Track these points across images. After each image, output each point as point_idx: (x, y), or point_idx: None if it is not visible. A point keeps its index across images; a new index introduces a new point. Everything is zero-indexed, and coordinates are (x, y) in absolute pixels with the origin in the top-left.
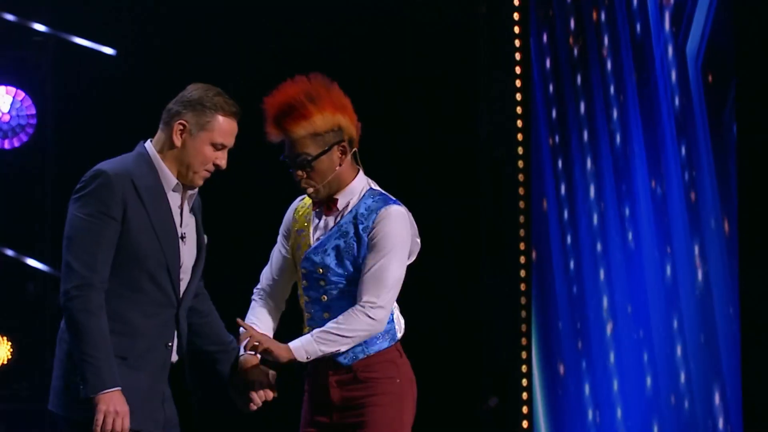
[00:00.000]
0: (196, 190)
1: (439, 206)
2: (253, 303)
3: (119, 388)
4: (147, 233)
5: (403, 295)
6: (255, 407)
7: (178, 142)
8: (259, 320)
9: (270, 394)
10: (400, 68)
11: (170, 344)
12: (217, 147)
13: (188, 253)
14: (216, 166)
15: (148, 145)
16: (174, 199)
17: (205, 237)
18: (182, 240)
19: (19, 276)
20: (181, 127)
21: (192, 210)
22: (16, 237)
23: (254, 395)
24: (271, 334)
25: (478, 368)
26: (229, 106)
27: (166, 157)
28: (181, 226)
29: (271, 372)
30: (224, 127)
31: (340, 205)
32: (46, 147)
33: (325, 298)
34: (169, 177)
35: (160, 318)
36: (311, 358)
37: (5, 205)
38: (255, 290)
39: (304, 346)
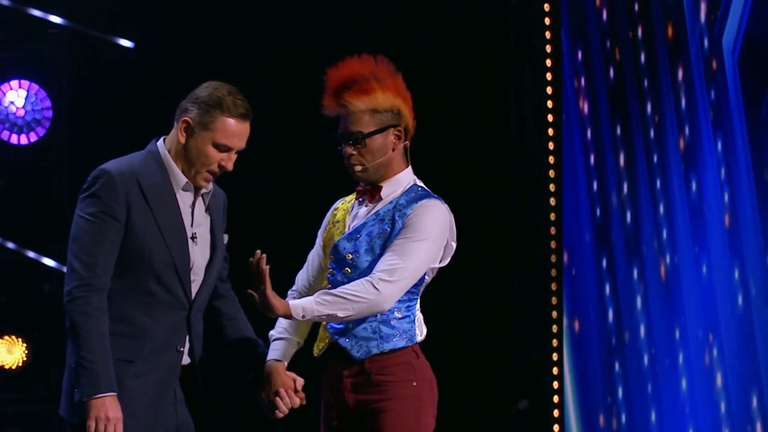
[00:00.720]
0: (211, 189)
1: (468, 203)
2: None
3: (114, 393)
4: (152, 233)
5: (432, 294)
6: (281, 414)
7: (182, 139)
8: (290, 325)
9: (297, 401)
10: (427, 61)
11: (181, 348)
12: (220, 148)
13: (200, 253)
14: (221, 168)
15: (160, 143)
16: (185, 198)
17: (226, 237)
18: (193, 240)
19: (35, 276)
20: (185, 125)
21: (208, 209)
22: (31, 236)
23: (280, 402)
24: (302, 339)
25: (508, 370)
26: (236, 107)
27: (175, 155)
28: (192, 225)
29: (299, 378)
30: (228, 129)
31: (384, 194)
32: (62, 142)
33: (341, 279)
34: (178, 176)
35: (169, 320)
36: (307, 318)
37: (20, 203)
38: (289, 293)
39: (302, 304)
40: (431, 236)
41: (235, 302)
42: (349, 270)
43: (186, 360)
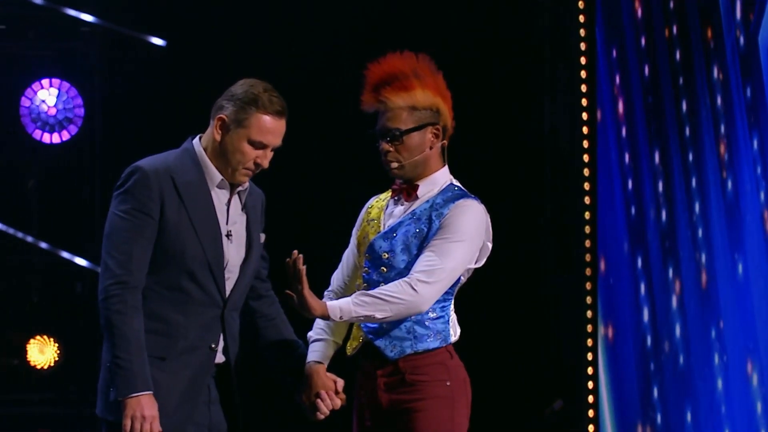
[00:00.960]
0: (247, 186)
1: (502, 202)
2: None
3: (150, 392)
4: (186, 230)
5: (467, 294)
6: (322, 416)
7: (218, 137)
8: (328, 325)
9: (338, 402)
10: (460, 59)
11: (214, 346)
12: (255, 145)
13: (235, 251)
14: (257, 165)
15: (196, 141)
16: (220, 195)
17: (263, 236)
18: (228, 238)
19: (67, 276)
20: (221, 122)
21: (245, 207)
22: (64, 235)
23: (321, 404)
24: (340, 339)
25: (543, 370)
26: (272, 104)
27: (211, 153)
28: (227, 223)
29: (339, 380)
30: (263, 126)
31: (420, 192)
32: (94, 141)
33: (384, 285)
34: (213, 173)
35: (202, 318)
36: (344, 318)
37: (52, 202)
38: (325, 293)
39: (339, 305)
40: (468, 237)
41: (275, 302)
42: (385, 269)
43: (221, 359)
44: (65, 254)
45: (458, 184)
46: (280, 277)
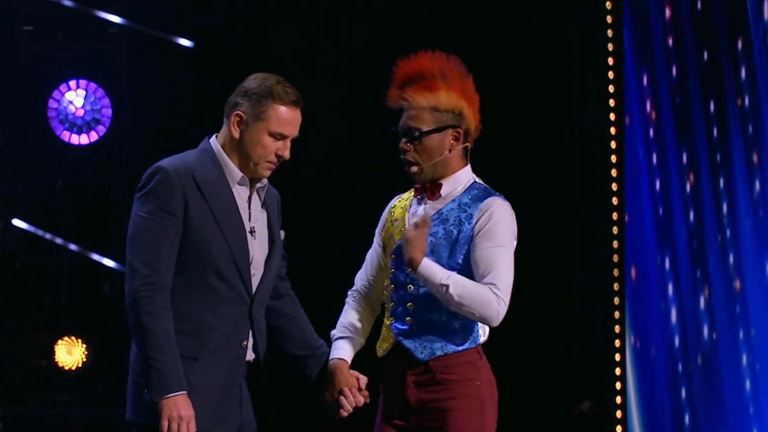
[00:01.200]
0: (266, 183)
1: (530, 203)
2: (346, 306)
3: (185, 392)
4: (211, 228)
5: None
6: (346, 414)
7: (236, 134)
8: (352, 324)
9: (361, 400)
10: (486, 60)
11: (245, 343)
12: (275, 137)
13: (259, 247)
14: (278, 157)
15: (213, 140)
16: (241, 193)
17: (282, 233)
18: (251, 234)
19: (95, 277)
20: (238, 119)
21: (264, 204)
22: (91, 236)
23: (344, 401)
24: (364, 338)
25: (571, 371)
26: (287, 94)
27: (229, 150)
28: (249, 220)
29: (362, 377)
30: (281, 117)
31: (443, 191)
32: (121, 142)
33: (412, 287)
34: (233, 171)
35: (232, 315)
36: (424, 278)
37: (80, 203)
38: (349, 293)
39: (431, 265)
40: (509, 235)
41: (295, 301)
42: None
43: (250, 356)
44: (93, 255)
45: (480, 181)
46: (298, 276)
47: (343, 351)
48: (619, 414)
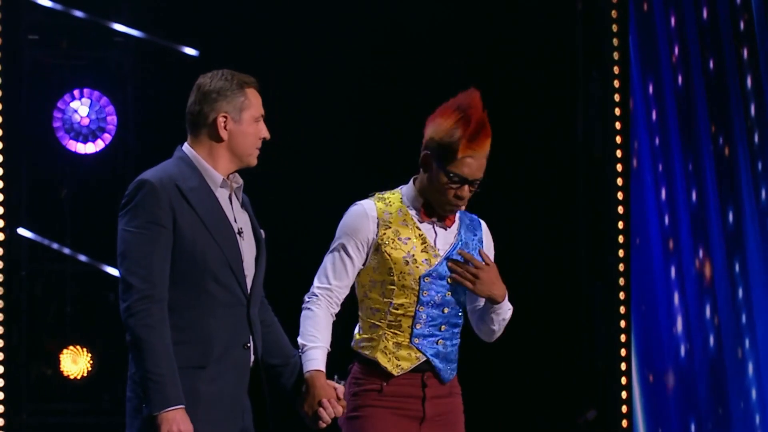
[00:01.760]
0: (242, 183)
1: (534, 210)
2: (310, 312)
3: (183, 406)
4: (201, 234)
5: None
6: (324, 424)
7: (224, 135)
8: (321, 332)
9: (339, 410)
10: (491, 67)
11: (248, 345)
12: (258, 120)
13: (248, 248)
14: (262, 139)
15: (186, 148)
16: (222, 195)
17: (262, 231)
18: (240, 235)
19: (100, 285)
20: (224, 119)
21: (243, 205)
22: (97, 245)
23: (323, 413)
24: (329, 346)
25: (575, 379)
26: (247, 77)
27: (209, 155)
28: (235, 221)
29: (339, 386)
30: (257, 99)
31: (455, 217)
32: (127, 152)
33: (447, 310)
34: (213, 175)
35: (232, 319)
36: (505, 308)
37: (86, 212)
38: (311, 298)
39: (507, 304)
40: None
41: (269, 309)
42: (450, 293)
43: (251, 359)
44: (98, 264)
45: None
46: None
47: (317, 362)
48: (624, 423)
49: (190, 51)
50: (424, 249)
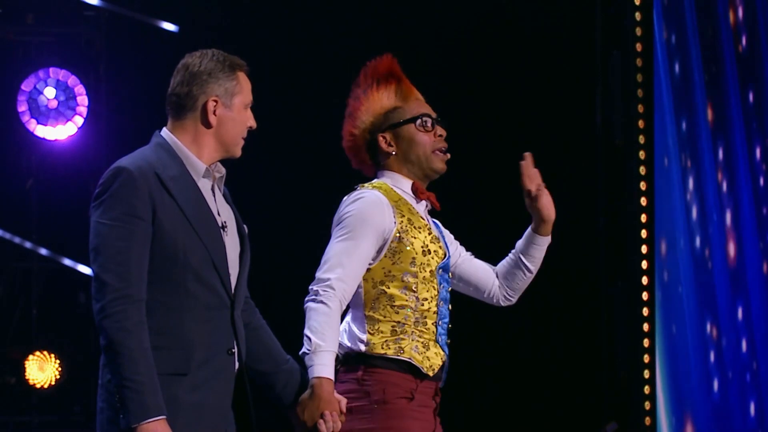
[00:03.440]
0: (224, 173)
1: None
2: (328, 309)
3: (164, 416)
4: (183, 228)
5: (518, 306)
6: None
7: (213, 120)
8: (334, 335)
9: (339, 425)
10: (506, 46)
11: (233, 350)
12: (247, 107)
13: (232, 244)
14: (249, 128)
15: (166, 133)
16: (205, 186)
17: (245, 227)
18: (224, 230)
19: (69, 285)
20: (214, 103)
21: (225, 196)
22: (65, 240)
23: (323, 426)
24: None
25: (595, 389)
26: (237, 59)
27: (193, 142)
28: (219, 215)
29: (343, 399)
30: (248, 85)
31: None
32: (99, 136)
33: (451, 306)
34: (196, 164)
35: (214, 323)
36: (541, 253)
37: (53, 203)
38: (328, 293)
39: None
40: None
41: (255, 311)
42: (452, 289)
43: (235, 365)
44: (67, 261)
45: None
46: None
47: (329, 368)
48: None
49: (168, 26)
50: (432, 239)
